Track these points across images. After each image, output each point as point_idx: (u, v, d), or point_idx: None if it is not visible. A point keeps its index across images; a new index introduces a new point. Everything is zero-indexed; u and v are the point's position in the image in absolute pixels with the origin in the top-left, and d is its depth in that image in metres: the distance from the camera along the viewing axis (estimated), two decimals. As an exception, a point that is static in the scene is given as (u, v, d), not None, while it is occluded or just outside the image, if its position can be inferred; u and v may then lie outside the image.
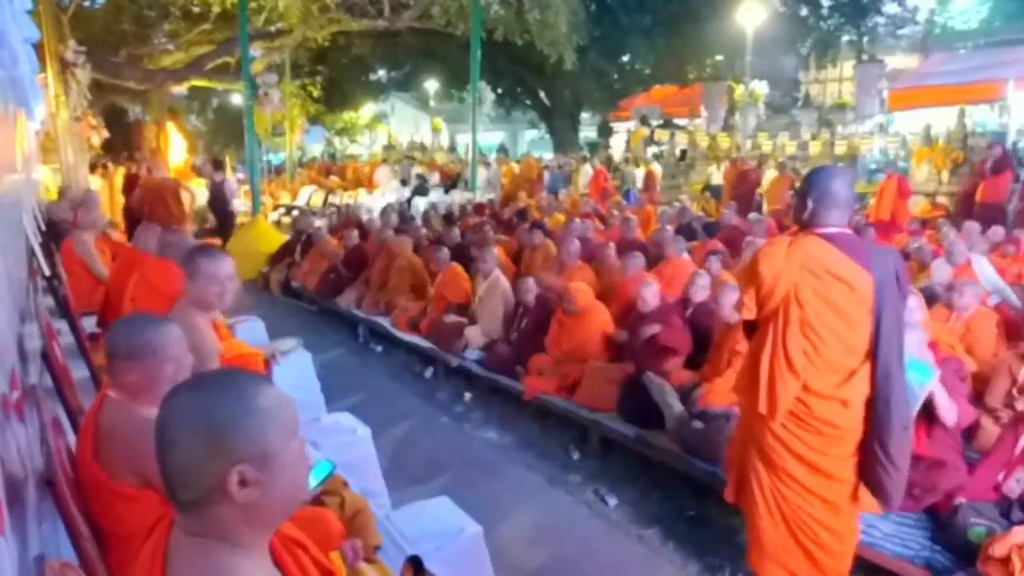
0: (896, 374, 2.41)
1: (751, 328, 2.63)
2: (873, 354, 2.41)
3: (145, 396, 1.87)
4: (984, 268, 5.51)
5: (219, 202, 11.55)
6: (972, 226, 7.46)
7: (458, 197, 14.09)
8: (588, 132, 29.01)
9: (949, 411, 2.98)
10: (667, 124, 20.54)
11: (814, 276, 2.37)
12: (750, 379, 2.54)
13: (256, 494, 1.03)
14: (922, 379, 2.82)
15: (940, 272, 5.45)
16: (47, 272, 4.22)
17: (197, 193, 12.08)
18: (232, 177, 12.11)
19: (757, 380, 2.47)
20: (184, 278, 2.73)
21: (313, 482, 1.58)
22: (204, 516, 1.04)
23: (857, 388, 2.42)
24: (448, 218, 10.51)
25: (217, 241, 11.09)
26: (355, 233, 8.44)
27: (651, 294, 4.70)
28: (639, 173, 16.01)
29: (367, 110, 29.57)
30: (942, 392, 2.94)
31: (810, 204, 2.44)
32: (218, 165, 12.36)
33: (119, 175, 12.85)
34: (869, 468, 2.46)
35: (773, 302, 2.42)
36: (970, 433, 3.52)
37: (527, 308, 5.41)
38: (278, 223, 13.04)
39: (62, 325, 3.76)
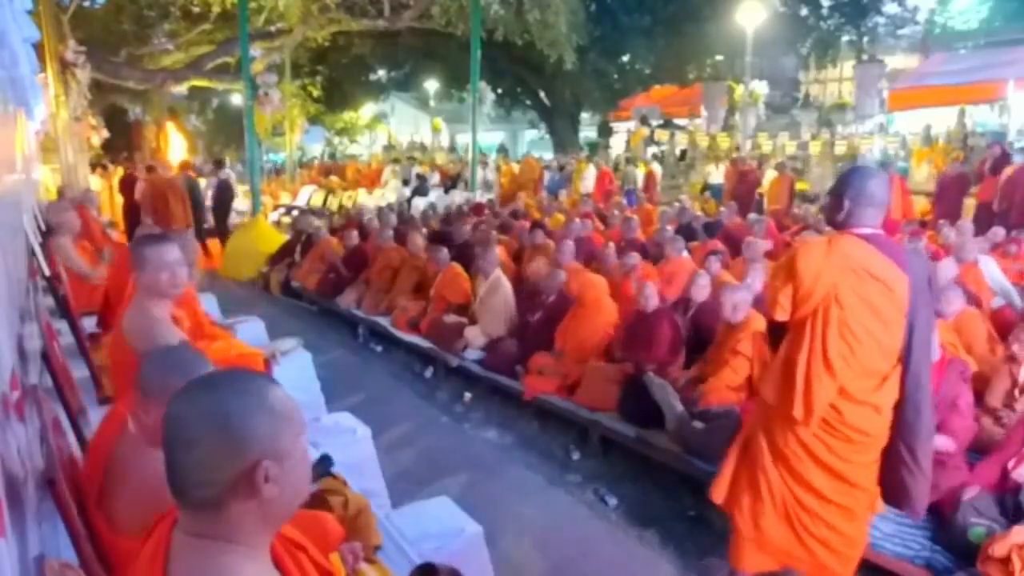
0: (926, 381, 2.40)
1: (776, 332, 2.56)
2: (905, 359, 2.38)
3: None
4: (991, 269, 5.51)
5: (227, 198, 11.66)
6: (967, 226, 7.45)
7: (458, 197, 14.08)
8: (588, 132, 28.98)
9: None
10: (667, 124, 20.55)
11: (854, 276, 2.34)
12: (782, 383, 2.47)
13: (276, 490, 1.05)
14: None
15: (946, 270, 5.43)
16: (47, 272, 4.23)
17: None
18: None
19: (791, 384, 2.41)
20: (133, 269, 2.69)
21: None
22: (218, 515, 1.04)
23: (889, 394, 2.40)
24: (456, 215, 10.50)
25: (216, 240, 11.13)
26: (355, 233, 8.43)
27: (652, 293, 4.70)
28: (639, 173, 15.99)
29: (367, 110, 29.55)
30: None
31: (846, 204, 2.40)
32: (219, 164, 12.42)
33: (118, 175, 12.86)
34: (894, 473, 2.43)
35: (811, 303, 2.37)
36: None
37: (545, 301, 5.37)
38: (278, 223, 13.03)
39: (62, 325, 3.77)
